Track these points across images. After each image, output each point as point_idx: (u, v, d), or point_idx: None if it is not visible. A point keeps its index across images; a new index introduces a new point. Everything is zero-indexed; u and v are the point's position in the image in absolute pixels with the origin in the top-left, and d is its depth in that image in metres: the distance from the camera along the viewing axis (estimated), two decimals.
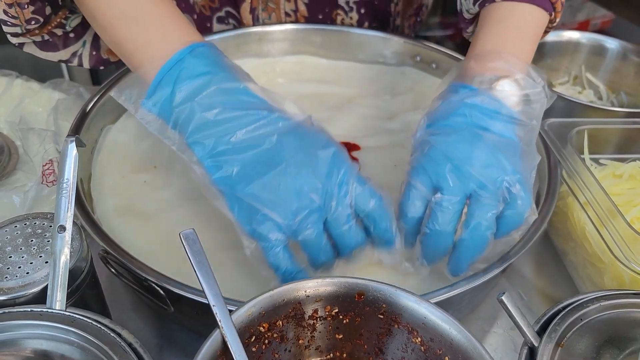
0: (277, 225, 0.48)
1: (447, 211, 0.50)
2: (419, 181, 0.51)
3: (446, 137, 0.52)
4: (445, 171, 0.50)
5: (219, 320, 0.40)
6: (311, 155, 0.50)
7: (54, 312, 0.41)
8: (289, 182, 0.48)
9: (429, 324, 0.43)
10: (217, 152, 0.50)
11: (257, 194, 0.49)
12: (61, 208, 0.43)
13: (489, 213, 0.50)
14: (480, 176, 0.50)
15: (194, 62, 0.52)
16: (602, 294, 0.46)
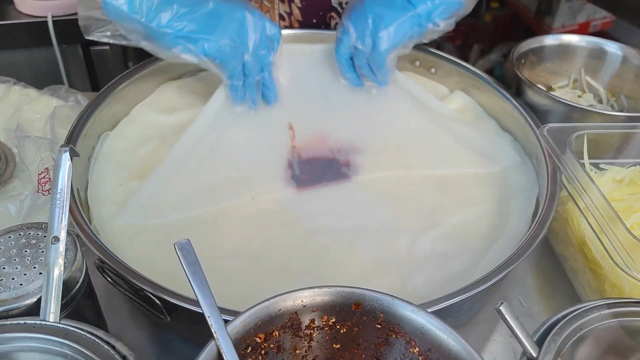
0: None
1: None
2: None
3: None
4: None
5: (214, 331, 0.40)
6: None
7: (48, 324, 0.41)
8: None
9: (427, 333, 0.43)
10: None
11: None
12: (55, 219, 0.43)
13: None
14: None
15: None
16: (602, 302, 0.45)
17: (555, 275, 0.68)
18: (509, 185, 0.70)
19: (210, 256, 0.58)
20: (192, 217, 0.64)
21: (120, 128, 0.75)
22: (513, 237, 0.62)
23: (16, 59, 1.28)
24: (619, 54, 0.86)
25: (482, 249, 0.62)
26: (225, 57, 0.66)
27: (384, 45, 0.69)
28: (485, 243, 0.63)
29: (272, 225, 0.64)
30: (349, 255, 0.61)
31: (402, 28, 0.69)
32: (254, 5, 0.69)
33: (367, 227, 0.64)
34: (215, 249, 0.60)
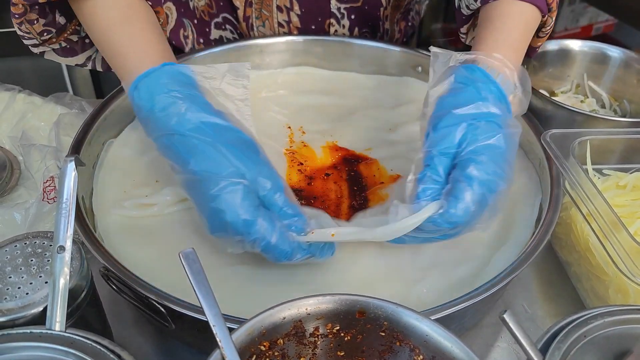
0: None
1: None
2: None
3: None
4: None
5: (219, 340, 0.40)
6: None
7: (54, 333, 0.41)
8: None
9: (431, 341, 0.43)
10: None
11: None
12: (60, 228, 0.43)
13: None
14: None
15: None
16: (606, 309, 0.45)
17: (559, 281, 0.68)
18: (512, 191, 0.69)
19: (214, 264, 0.59)
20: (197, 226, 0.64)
21: (125, 135, 0.75)
22: (516, 243, 0.62)
23: (21, 66, 1.29)
24: (622, 58, 0.86)
25: (486, 256, 0.62)
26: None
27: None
28: (488, 250, 0.63)
29: None
30: (352, 263, 0.61)
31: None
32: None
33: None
34: (220, 257, 0.60)
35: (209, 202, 0.52)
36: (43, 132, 0.78)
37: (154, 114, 0.56)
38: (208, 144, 0.54)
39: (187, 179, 0.54)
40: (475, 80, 0.57)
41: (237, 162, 0.53)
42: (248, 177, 0.53)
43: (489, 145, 0.54)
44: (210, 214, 0.53)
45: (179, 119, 0.55)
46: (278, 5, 0.87)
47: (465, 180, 0.52)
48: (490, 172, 0.53)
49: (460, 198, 0.52)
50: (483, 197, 0.53)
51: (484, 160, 0.53)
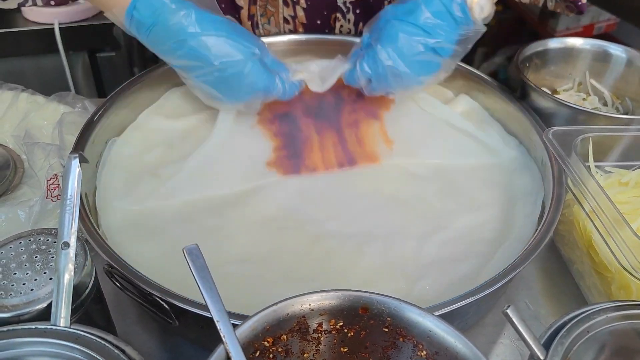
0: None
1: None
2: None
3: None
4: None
5: (223, 335, 0.40)
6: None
7: (58, 329, 0.41)
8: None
9: (434, 337, 0.43)
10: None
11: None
12: (65, 225, 0.43)
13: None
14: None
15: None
16: (609, 305, 0.45)
17: (561, 278, 0.68)
18: (515, 188, 0.70)
19: (218, 261, 0.59)
20: (200, 223, 0.64)
21: (127, 134, 0.76)
22: (519, 240, 0.62)
23: (24, 66, 1.29)
24: (624, 56, 0.86)
25: (489, 253, 0.62)
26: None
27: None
28: (491, 246, 0.63)
29: (278, 230, 0.64)
30: (355, 260, 0.62)
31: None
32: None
33: (374, 232, 0.64)
34: (223, 254, 0.61)
35: (243, 79, 0.67)
36: (46, 131, 0.79)
37: (160, 26, 0.64)
38: (221, 37, 0.66)
39: (210, 71, 0.67)
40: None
41: (248, 44, 0.68)
42: (257, 51, 0.68)
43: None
44: (244, 86, 0.68)
45: (188, 24, 0.64)
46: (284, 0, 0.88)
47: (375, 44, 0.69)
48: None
49: (367, 54, 0.70)
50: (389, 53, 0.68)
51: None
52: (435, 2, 0.68)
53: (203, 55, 0.65)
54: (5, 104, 0.82)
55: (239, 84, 0.68)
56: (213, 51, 0.65)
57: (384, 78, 0.71)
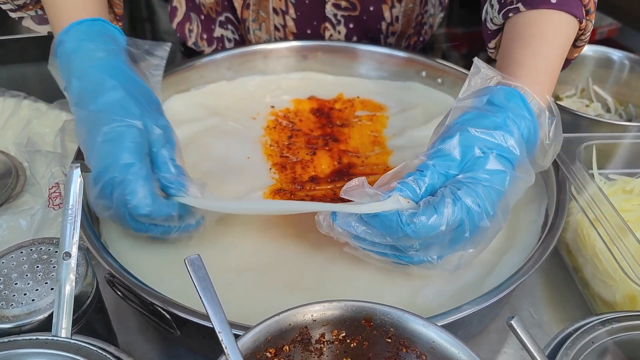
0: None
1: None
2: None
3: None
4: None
5: (225, 346, 0.40)
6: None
7: (59, 340, 0.41)
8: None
9: (437, 347, 0.42)
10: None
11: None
12: (66, 235, 0.43)
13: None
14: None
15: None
16: (614, 315, 0.45)
17: (565, 286, 0.68)
18: None
19: (220, 271, 0.59)
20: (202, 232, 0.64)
21: None
22: (523, 248, 0.62)
23: (26, 73, 1.29)
24: (626, 62, 0.86)
25: (492, 261, 0.62)
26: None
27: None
28: (494, 255, 0.62)
29: (280, 239, 0.64)
30: (358, 268, 0.61)
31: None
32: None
33: None
34: (225, 263, 0.60)
35: (99, 138, 0.54)
36: (48, 139, 0.79)
37: (75, 55, 0.59)
38: (116, 87, 0.56)
39: (87, 116, 0.56)
40: (510, 108, 0.52)
41: (137, 110, 0.56)
42: (144, 124, 0.56)
43: (491, 179, 0.50)
44: (99, 150, 0.54)
45: (96, 62, 0.58)
46: (274, 8, 0.88)
47: (451, 196, 0.49)
48: (480, 204, 0.49)
49: (437, 208, 0.48)
50: (460, 222, 0.49)
51: (479, 191, 0.49)
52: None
53: (89, 94, 0.57)
54: (7, 111, 0.82)
55: (101, 147, 0.54)
56: (101, 94, 0.56)
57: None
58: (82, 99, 0.57)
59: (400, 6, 0.88)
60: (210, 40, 0.95)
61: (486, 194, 0.49)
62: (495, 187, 0.50)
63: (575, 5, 0.56)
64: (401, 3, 0.88)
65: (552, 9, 0.56)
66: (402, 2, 0.88)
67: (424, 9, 0.94)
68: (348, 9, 0.88)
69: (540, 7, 0.56)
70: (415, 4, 0.90)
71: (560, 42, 0.57)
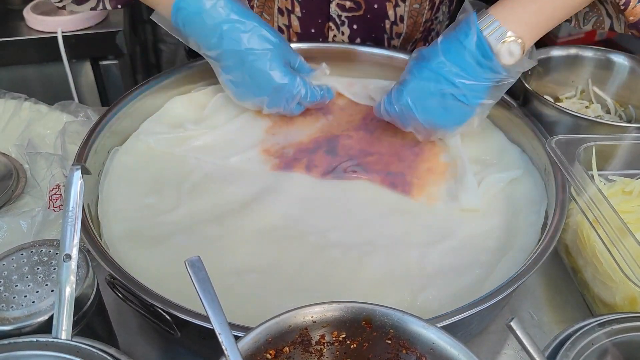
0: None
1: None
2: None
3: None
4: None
5: (225, 348, 0.40)
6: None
7: (60, 342, 0.41)
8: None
9: (437, 349, 0.42)
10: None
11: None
12: (67, 237, 0.43)
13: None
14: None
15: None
16: (614, 317, 0.45)
17: (565, 288, 0.68)
18: (518, 197, 0.70)
19: (220, 272, 0.59)
20: (202, 233, 0.64)
21: (130, 143, 0.76)
22: (523, 249, 0.62)
23: (27, 74, 1.29)
24: (626, 64, 0.86)
25: (492, 262, 0.62)
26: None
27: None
28: (495, 256, 0.63)
29: (281, 240, 0.64)
30: (358, 270, 0.61)
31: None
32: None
33: (377, 242, 0.64)
34: (225, 264, 0.60)
35: (265, 71, 0.71)
36: (49, 140, 0.79)
37: (203, 15, 0.69)
38: (254, 26, 0.71)
39: (237, 61, 0.71)
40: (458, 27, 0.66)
41: (276, 40, 0.72)
42: (283, 48, 0.73)
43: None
44: (266, 79, 0.72)
45: (225, 11, 0.69)
46: (279, 8, 0.88)
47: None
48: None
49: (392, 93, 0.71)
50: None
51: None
52: (458, 48, 0.65)
53: (233, 39, 0.70)
54: (8, 113, 0.82)
55: (262, 76, 0.71)
56: (243, 38, 0.70)
57: (404, 120, 0.71)
58: (230, 41, 0.70)
59: (404, 5, 0.88)
60: None
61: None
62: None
63: None
64: (405, 2, 0.88)
65: None
66: (407, 0, 0.88)
67: (434, 15, 0.94)
68: (353, 9, 0.88)
69: None
70: (422, 6, 0.90)
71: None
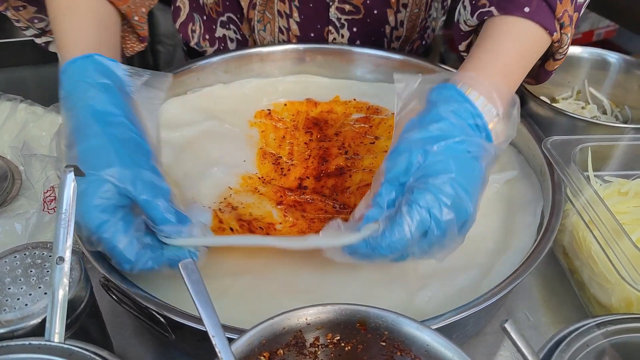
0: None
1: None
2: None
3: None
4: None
5: (218, 351, 0.39)
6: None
7: (52, 345, 0.41)
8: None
9: (432, 351, 0.42)
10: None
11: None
12: (59, 239, 0.43)
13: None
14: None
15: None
16: (609, 318, 0.45)
17: (561, 288, 0.68)
18: (514, 198, 0.70)
19: (213, 274, 0.58)
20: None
21: None
22: (518, 250, 0.62)
23: (24, 76, 1.29)
24: (622, 64, 0.86)
25: (488, 263, 0.62)
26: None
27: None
28: (490, 257, 0.62)
29: None
30: (354, 271, 0.61)
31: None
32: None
33: None
34: (218, 267, 0.60)
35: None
36: (44, 142, 0.79)
37: (69, 96, 0.57)
38: (97, 134, 0.53)
39: (72, 157, 0.53)
40: (445, 99, 0.53)
41: (116, 159, 0.51)
42: (122, 177, 0.51)
43: (440, 169, 0.50)
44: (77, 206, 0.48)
45: (85, 104, 0.55)
46: (279, 10, 0.88)
47: (406, 204, 0.50)
48: (438, 199, 0.49)
49: (397, 222, 0.49)
50: (423, 223, 0.49)
51: (432, 185, 0.50)
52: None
53: (74, 136, 0.54)
54: (3, 115, 0.82)
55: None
56: (83, 139, 0.54)
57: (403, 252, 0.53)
58: (70, 143, 0.54)
59: (405, 11, 0.88)
60: (213, 40, 0.95)
61: (441, 184, 0.50)
62: (448, 175, 0.50)
63: (547, 18, 0.57)
64: (407, 8, 0.88)
65: (523, 18, 0.56)
66: (408, 7, 0.88)
67: (427, 14, 0.94)
68: (352, 13, 0.88)
69: (512, 14, 0.57)
70: (420, 9, 0.90)
71: (522, 45, 0.58)
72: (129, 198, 0.51)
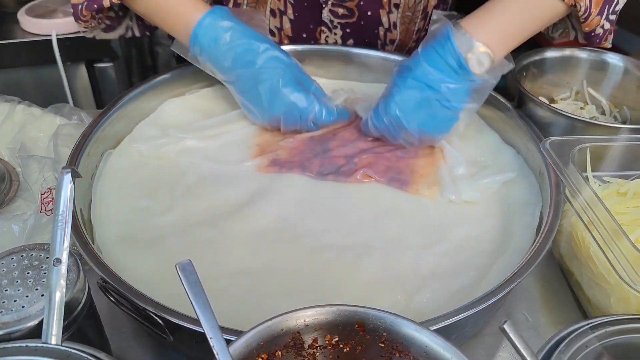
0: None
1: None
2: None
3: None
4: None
5: (216, 352, 0.39)
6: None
7: (50, 347, 0.41)
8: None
9: (431, 352, 0.42)
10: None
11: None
12: (57, 241, 0.43)
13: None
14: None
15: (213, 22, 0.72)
16: (608, 319, 0.45)
17: (560, 289, 0.68)
18: (512, 199, 0.70)
19: (212, 275, 0.58)
20: (195, 236, 0.64)
21: (123, 146, 0.75)
22: (517, 251, 0.62)
23: (22, 77, 1.29)
24: (621, 65, 0.86)
25: (487, 264, 0.62)
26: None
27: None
28: (489, 258, 0.62)
29: (275, 243, 0.64)
30: (353, 272, 0.61)
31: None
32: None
33: (372, 243, 0.64)
34: (218, 267, 0.60)
35: (279, 89, 0.72)
36: (42, 143, 0.78)
37: (218, 41, 0.71)
38: (268, 48, 0.73)
39: (250, 79, 0.73)
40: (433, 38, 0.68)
41: (289, 61, 0.75)
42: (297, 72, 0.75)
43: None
44: (279, 97, 0.73)
45: (240, 35, 0.72)
46: (272, 9, 0.88)
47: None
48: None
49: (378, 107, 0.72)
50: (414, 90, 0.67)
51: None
52: (436, 57, 0.67)
53: (246, 60, 0.71)
54: (1, 116, 0.82)
55: (274, 94, 0.72)
56: (255, 59, 0.72)
57: (393, 132, 0.71)
58: (244, 62, 0.72)
59: (397, 12, 0.88)
60: None
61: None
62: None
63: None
64: (398, 9, 0.88)
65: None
66: (399, 7, 0.88)
67: (427, 26, 0.94)
68: (345, 16, 0.88)
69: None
70: (414, 15, 0.90)
71: (528, 5, 0.66)
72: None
